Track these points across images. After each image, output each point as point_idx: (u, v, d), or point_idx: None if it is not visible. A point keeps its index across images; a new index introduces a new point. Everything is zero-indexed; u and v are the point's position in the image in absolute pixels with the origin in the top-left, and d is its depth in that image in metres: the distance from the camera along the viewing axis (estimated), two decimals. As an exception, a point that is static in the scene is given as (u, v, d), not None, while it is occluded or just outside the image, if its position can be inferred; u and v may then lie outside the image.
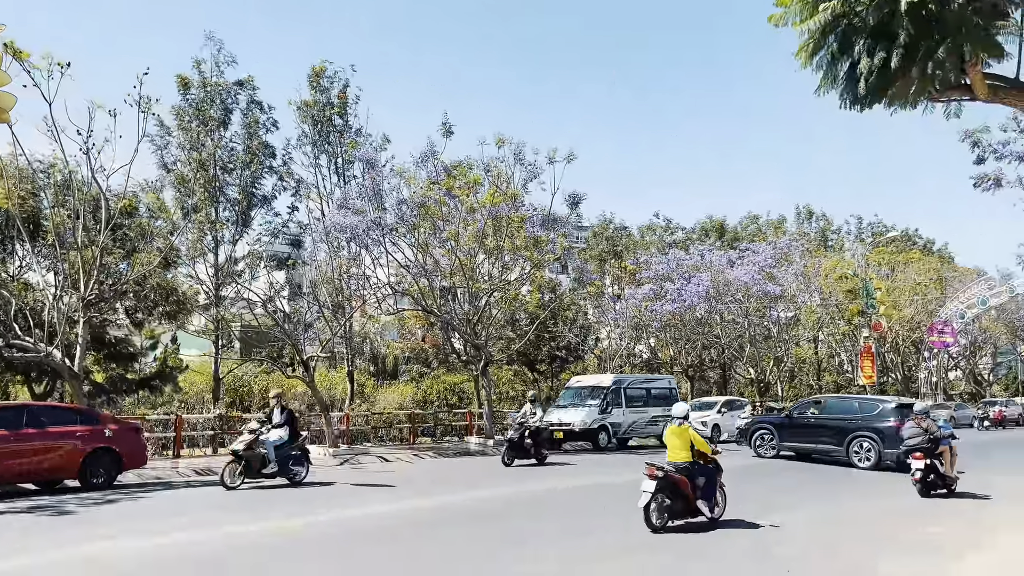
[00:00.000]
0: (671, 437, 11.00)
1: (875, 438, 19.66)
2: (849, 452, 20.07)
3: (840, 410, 21.41)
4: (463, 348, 27.27)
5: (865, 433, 19.91)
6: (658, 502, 10.34)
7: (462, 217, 24.39)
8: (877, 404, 21.12)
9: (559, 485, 16.00)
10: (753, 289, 36.03)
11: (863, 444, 19.90)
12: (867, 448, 19.79)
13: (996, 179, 18.15)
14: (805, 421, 21.69)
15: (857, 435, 20.02)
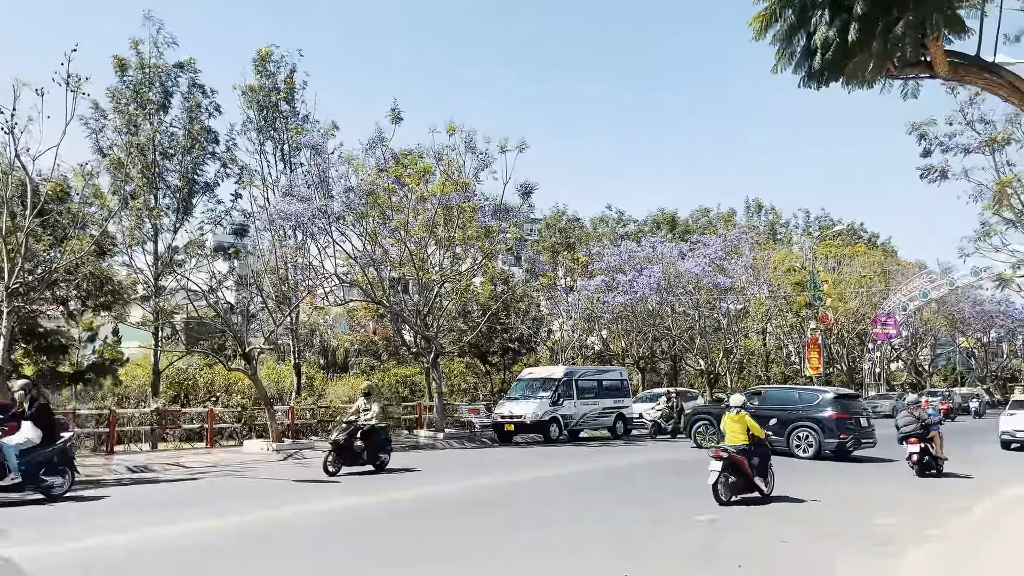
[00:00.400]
0: (730, 423, 12.63)
1: (815, 428, 19.84)
2: (789, 442, 20.20)
3: (780, 401, 21.48)
4: (413, 340, 26.78)
5: (805, 423, 20.08)
6: (724, 479, 11.85)
7: (412, 206, 23.88)
8: (817, 394, 21.32)
9: (502, 480, 15.71)
10: (704, 281, 36.23)
11: (803, 434, 20.10)
12: (807, 438, 20.00)
13: (942, 171, 18.37)
14: (749, 411, 21.72)
15: (797, 425, 20.17)
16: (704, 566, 8.31)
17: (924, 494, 13.86)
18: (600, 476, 16.61)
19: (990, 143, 17.25)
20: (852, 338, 55.62)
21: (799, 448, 20.07)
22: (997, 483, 15.24)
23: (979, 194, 19.46)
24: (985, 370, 74.33)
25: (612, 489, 14.58)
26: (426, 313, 25.97)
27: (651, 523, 10.70)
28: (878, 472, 17.63)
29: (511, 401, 26.25)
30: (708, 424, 22.56)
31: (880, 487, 15.04)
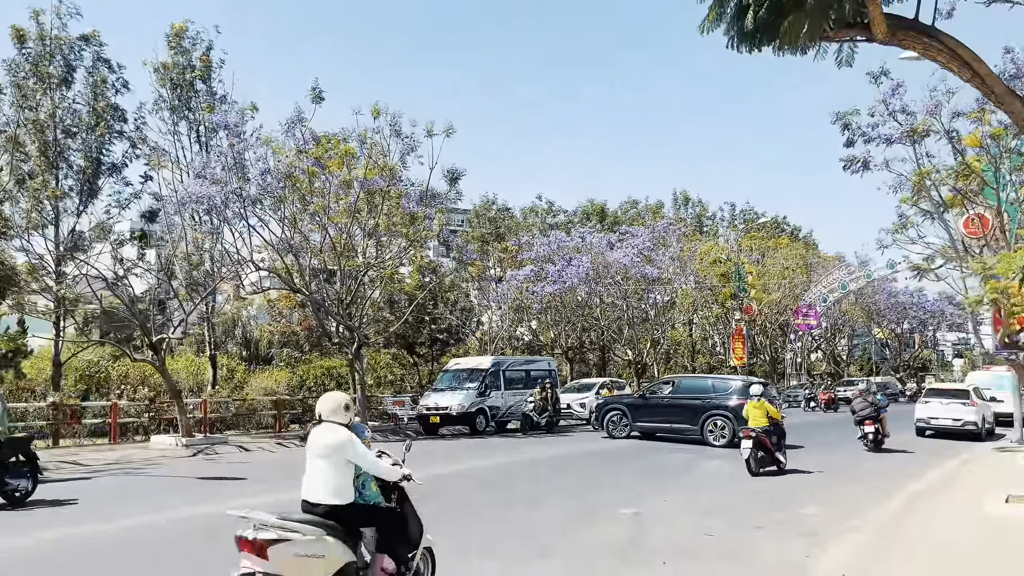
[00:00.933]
0: (752, 409, 15.22)
1: (729, 416, 19.97)
2: (704, 431, 20.39)
3: (694, 390, 21.67)
4: (335, 330, 25.84)
5: (720, 412, 20.28)
6: (754, 455, 14.55)
7: (333, 190, 22.92)
8: (730, 383, 21.76)
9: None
10: (632, 272, 36.23)
11: (717, 423, 20.29)
12: (721, 426, 20.17)
13: (864, 161, 18.51)
14: (659, 401, 21.86)
15: (712, 414, 20.37)
16: (629, 564, 7.91)
17: (887, 462, 17.00)
18: (526, 468, 16.18)
19: (911, 134, 17.41)
20: (775, 329, 56.83)
21: (712, 436, 20.28)
22: (934, 456, 18.23)
23: (899, 185, 19.74)
24: (898, 360, 77.20)
25: (538, 481, 14.15)
26: (349, 302, 25.05)
27: (576, 516, 10.29)
28: (830, 451, 19.12)
29: (437, 392, 25.63)
30: (621, 414, 22.36)
31: (848, 459, 17.44)
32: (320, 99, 22.26)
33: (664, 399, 21.84)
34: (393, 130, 24.18)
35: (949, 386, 27.51)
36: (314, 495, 5.45)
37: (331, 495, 5.41)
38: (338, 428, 5.52)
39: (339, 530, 5.37)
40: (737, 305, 46.92)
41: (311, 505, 5.46)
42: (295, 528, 5.19)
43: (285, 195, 22.76)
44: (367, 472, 5.72)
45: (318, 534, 5.24)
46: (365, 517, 5.63)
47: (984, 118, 18.09)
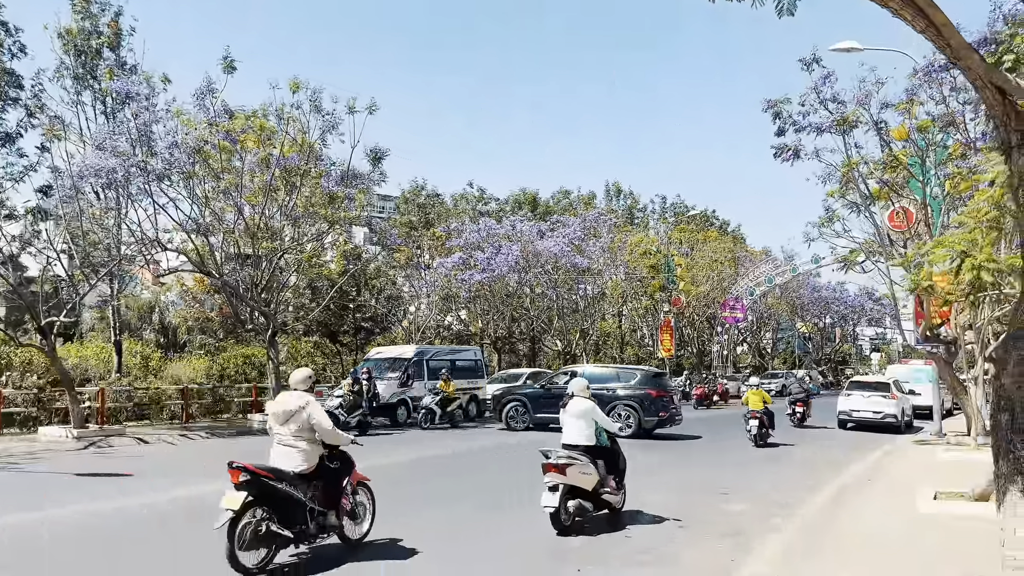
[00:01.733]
0: (752, 396, 19.05)
1: (635, 406, 20.15)
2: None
3: (599, 379, 21.09)
4: (249, 316, 24.47)
5: (625, 402, 20.31)
6: (759, 429, 18.40)
7: (247, 167, 21.57)
8: (635, 373, 21.76)
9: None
10: (562, 261, 35.67)
11: (623, 413, 20.20)
12: (626, 416, 20.14)
13: (795, 150, 18.25)
14: (561, 392, 21.10)
15: (617, 404, 20.24)
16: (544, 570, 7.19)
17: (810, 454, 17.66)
18: (446, 462, 15.35)
19: (841, 123, 17.17)
20: (702, 321, 57.37)
21: (619, 427, 19.74)
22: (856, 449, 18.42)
23: (828, 175, 19.56)
24: (820, 353, 79.27)
25: (455, 475, 13.34)
26: (264, 287, 23.74)
27: (494, 515, 9.52)
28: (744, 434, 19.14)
29: (357, 382, 24.51)
30: (521, 406, 21.74)
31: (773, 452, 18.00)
32: (232, 68, 20.81)
33: (565, 388, 21.32)
34: (313, 106, 22.87)
35: (870, 379, 27.86)
36: (573, 440, 9.12)
37: (584, 439, 9.11)
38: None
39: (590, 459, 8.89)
40: (666, 297, 47.07)
41: (571, 446, 9.02)
42: (577, 457, 8.73)
43: (195, 171, 21.31)
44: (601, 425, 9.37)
45: (587, 460, 8.82)
46: (599, 453, 9.16)
47: (912, 110, 18.02)
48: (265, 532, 6.50)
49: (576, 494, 8.52)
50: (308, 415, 7.03)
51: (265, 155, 21.43)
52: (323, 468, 7.26)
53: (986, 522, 8.58)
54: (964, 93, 17.46)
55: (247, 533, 6.42)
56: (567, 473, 8.37)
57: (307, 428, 7.07)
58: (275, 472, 6.84)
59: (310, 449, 7.10)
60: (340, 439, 7.34)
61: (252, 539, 6.45)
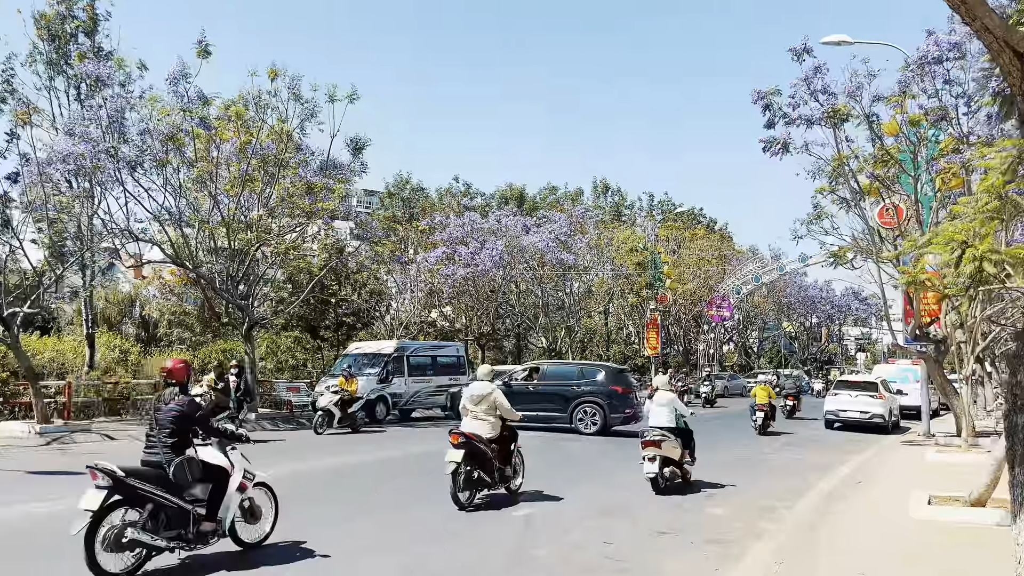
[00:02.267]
0: (759, 390, 22.08)
1: (600, 403, 20.09)
2: (573, 418, 20.24)
3: (562, 376, 21.33)
4: (225, 309, 23.80)
5: (590, 399, 20.23)
6: (763, 422, 21.18)
7: (222, 155, 20.92)
8: (599, 370, 21.67)
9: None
10: (547, 257, 35.14)
11: (588, 410, 20.20)
12: (592, 413, 20.12)
13: (784, 143, 17.77)
14: (525, 389, 20.92)
15: (582, 401, 20.26)
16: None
17: (798, 454, 17.50)
18: (414, 462, 14.77)
19: (831, 114, 16.70)
20: (689, 320, 57.07)
21: (583, 423, 20.09)
22: (843, 451, 17.90)
23: (818, 170, 19.11)
24: (806, 353, 79.25)
25: (416, 477, 12.74)
26: (239, 278, 23.09)
27: (461, 521, 8.98)
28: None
29: (334, 378, 23.87)
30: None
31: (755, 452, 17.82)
32: (207, 53, 20.15)
33: (530, 387, 21.03)
34: (292, 94, 22.25)
35: (858, 378, 27.57)
36: (659, 423, 11.21)
37: (667, 423, 11.24)
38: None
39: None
40: (652, 294, 46.65)
41: (658, 428, 11.12)
42: (667, 434, 10.94)
43: (168, 159, 20.62)
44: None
45: (673, 436, 11.03)
46: (677, 433, 11.23)
47: (904, 104, 17.59)
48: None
49: (667, 464, 10.91)
50: (494, 398, 9.83)
51: (242, 143, 20.74)
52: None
53: (987, 530, 8.13)
54: (957, 86, 17.08)
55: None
56: (662, 447, 10.89)
57: (493, 407, 9.79)
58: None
59: (495, 422, 9.81)
60: (514, 415, 10.11)
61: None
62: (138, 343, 31.77)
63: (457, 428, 9.63)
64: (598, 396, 20.25)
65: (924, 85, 17.23)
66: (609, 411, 20.05)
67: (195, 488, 6.66)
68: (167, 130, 20.04)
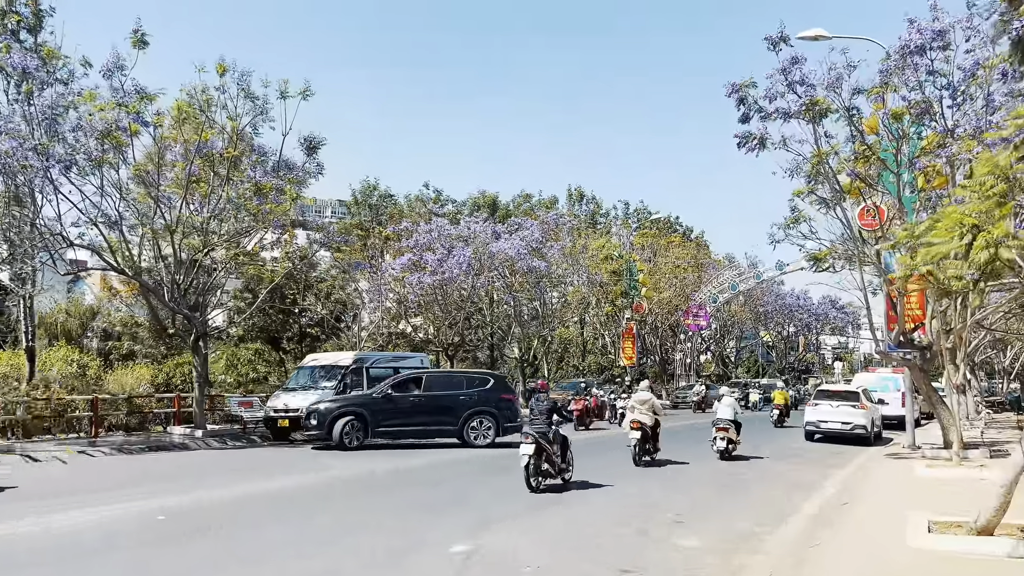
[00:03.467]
0: (778, 394, 29.65)
1: (494, 414, 19.43)
2: (465, 431, 19.26)
3: (448, 386, 20.16)
4: (172, 319, 22.32)
5: (482, 409, 19.46)
6: (779, 418, 27.99)
7: (161, 153, 19.53)
8: (488, 378, 20.90)
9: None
10: (519, 264, 33.86)
11: (482, 422, 19.39)
12: (486, 426, 19.35)
13: (761, 138, 16.74)
14: (407, 401, 19.43)
15: (474, 412, 19.42)
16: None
17: (778, 468, 16.78)
18: (361, 484, 13.44)
19: (810, 106, 15.67)
20: (665, 329, 56.11)
21: (475, 436, 19.26)
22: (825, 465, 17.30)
23: (796, 168, 18.07)
24: (784, 362, 78.57)
25: (357, 502, 11.44)
26: (186, 286, 21.66)
27: (395, 556, 7.68)
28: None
29: (288, 392, 22.46)
30: (357, 420, 18.70)
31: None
32: (143, 43, 18.78)
33: (413, 398, 19.56)
34: (241, 90, 20.91)
35: (838, 388, 26.53)
36: (724, 416, 17.23)
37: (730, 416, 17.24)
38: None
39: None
40: (627, 303, 45.60)
41: (723, 419, 17.15)
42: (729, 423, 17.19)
43: (105, 157, 19.18)
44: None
45: (733, 424, 17.24)
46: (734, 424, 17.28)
47: (885, 97, 16.63)
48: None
49: (729, 441, 16.85)
50: (651, 401, 15.68)
51: (185, 140, 19.38)
52: None
53: (998, 563, 6.99)
54: (942, 78, 16.14)
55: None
56: (728, 431, 16.84)
57: (650, 408, 15.53)
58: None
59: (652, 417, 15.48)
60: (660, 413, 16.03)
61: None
62: (99, 357, 30.25)
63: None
64: (490, 406, 19.47)
65: (906, 77, 16.28)
66: (502, 421, 19.36)
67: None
68: (102, 127, 18.61)
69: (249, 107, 21.07)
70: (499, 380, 20.94)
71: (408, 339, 41.56)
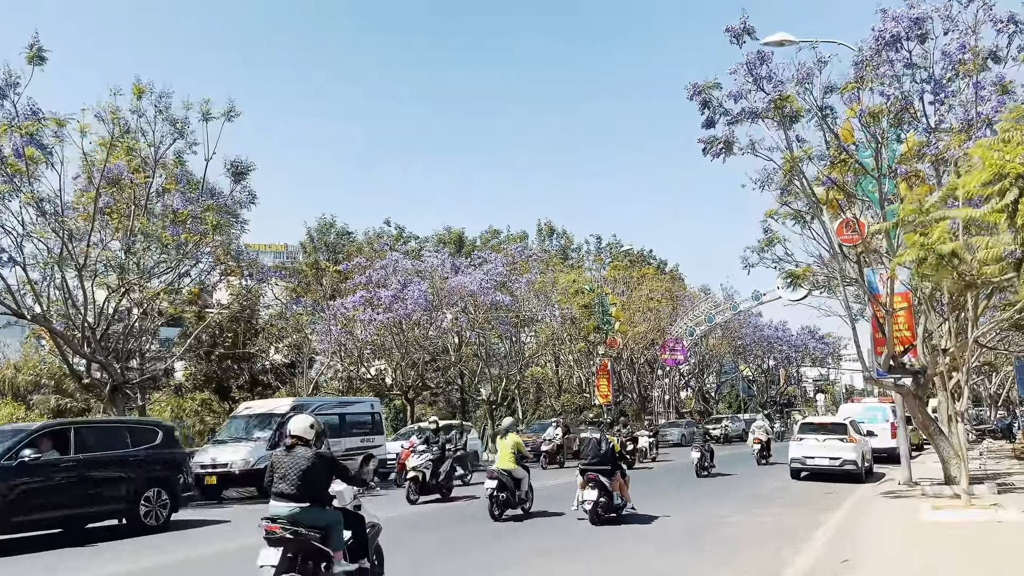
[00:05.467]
0: (757, 428, 27.72)
1: (169, 479, 13.99)
2: (139, 508, 13.29)
3: (108, 443, 13.41)
4: (87, 368, 20.05)
5: (156, 475, 13.75)
6: (762, 454, 26.28)
7: (63, 180, 17.51)
8: (154, 429, 14.76)
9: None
10: (481, 299, 31.79)
11: (159, 492, 13.61)
12: (162, 500, 13.65)
13: (727, 142, 15.05)
14: (51, 474, 12.20)
15: (148, 481, 13.51)
16: None
17: (760, 517, 13.99)
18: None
19: (780, 103, 14.01)
20: (643, 365, 54.12)
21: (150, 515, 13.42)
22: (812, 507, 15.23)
23: (767, 179, 16.41)
24: (765, 396, 76.72)
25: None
26: (103, 331, 19.46)
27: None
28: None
29: (217, 445, 20.14)
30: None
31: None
32: (41, 59, 16.83)
33: (62, 465, 12.44)
34: (159, 112, 19.02)
35: (824, 420, 24.64)
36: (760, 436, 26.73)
37: (764, 435, 27.00)
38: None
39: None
40: (601, 338, 43.59)
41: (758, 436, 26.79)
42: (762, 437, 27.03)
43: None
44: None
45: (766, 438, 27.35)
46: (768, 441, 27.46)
47: (861, 94, 15.01)
48: None
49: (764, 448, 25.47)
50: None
51: (88, 166, 17.38)
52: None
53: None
54: (923, 71, 14.58)
55: None
56: (762, 443, 26.22)
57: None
58: None
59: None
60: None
61: None
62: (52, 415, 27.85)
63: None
64: (164, 469, 13.94)
65: (882, 72, 14.69)
66: (180, 490, 14.18)
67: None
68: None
69: (168, 130, 19.22)
70: (167, 431, 14.98)
71: (370, 383, 39.24)
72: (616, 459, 12.83)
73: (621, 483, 12.76)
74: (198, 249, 18.88)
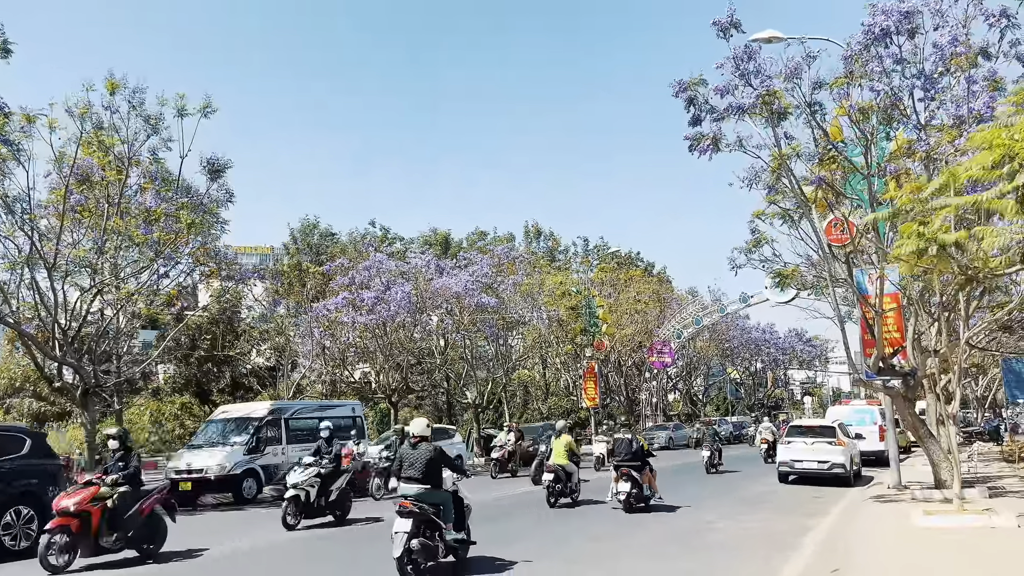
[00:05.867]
0: (764, 430, 28.36)
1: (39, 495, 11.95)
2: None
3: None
4: (58, 371, 19.48)
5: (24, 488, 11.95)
6: (769, 453, 26.02)
7: (31, 177, 16.97)
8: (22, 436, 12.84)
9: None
10: (466, 301, 31.35)
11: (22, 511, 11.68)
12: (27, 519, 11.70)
13: (714, 139, 14.71)
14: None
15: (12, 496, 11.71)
16: None
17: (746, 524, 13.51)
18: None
19: (767, 98, 13.69)
20: (630, 368, 53.80)
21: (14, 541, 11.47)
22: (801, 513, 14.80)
23: (754, 177, 16.06)
24: (753, 399, 76.60)
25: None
26: (75, 333, 18.91)
27: None
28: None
29: (192, 450, 19.64)
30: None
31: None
32: (6, 51, 16.30)
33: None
34: (133, 107, 18.51)
35: (812, 423, 24.34)
36: (766, 436, 27.40)
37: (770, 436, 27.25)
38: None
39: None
40: (588, 341, 43.23)
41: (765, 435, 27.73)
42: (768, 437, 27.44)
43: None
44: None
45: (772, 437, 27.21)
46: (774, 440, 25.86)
47: (850, 92, 14.70)
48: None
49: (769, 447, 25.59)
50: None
51: (57, 161, 16.86)
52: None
53: None
54: (913, 66, 14.29)
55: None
56: (768, 442, 26.83)
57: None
58: None
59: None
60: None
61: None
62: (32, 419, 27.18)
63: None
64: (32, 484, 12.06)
65: (871, 68, 14.39)
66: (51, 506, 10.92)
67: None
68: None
69: (142, 127, 18.72)
70: (38, 439, 13.19)
71: (355, 386, 38.71)
72: (645, 456, 14.89)
73: (650, 476, 14.89)
74: (174, 249, 18.33)
